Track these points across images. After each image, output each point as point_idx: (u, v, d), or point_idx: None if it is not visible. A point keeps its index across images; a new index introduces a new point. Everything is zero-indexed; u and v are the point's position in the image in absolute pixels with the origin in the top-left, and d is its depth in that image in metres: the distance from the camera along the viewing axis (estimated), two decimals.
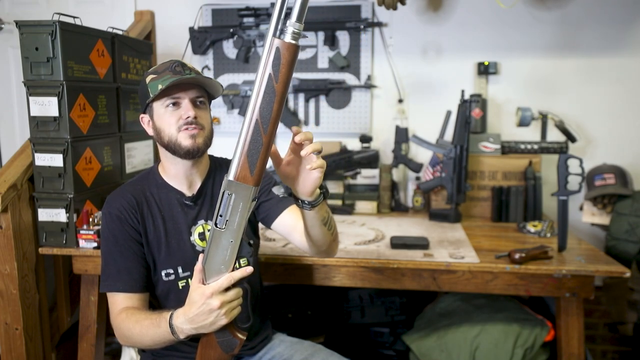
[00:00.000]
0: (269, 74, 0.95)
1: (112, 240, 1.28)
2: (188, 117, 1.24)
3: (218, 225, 1.03)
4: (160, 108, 1.27)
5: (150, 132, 1.33)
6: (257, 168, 1.00)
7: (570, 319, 1.64)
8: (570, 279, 1.60)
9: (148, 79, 1.27)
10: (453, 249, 1.74)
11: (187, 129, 1.25)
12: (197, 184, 1.35)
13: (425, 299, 2.26)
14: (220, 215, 1.03)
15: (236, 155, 1.00)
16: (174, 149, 1.27)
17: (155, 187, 1.34)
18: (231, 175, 1.00)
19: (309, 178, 1.07)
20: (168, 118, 1.26)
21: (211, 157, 1.42)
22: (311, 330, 2.26)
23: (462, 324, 1.91)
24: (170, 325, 1.12)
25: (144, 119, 1.33)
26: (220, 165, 1.41)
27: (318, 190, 1.12)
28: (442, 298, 2.16)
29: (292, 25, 0.94)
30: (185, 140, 1.25)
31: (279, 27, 0.95)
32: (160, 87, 1.22)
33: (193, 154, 1.27)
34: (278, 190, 1.27)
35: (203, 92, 1.30)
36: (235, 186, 1.01)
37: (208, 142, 1.30)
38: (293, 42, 0.94)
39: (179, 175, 1.33)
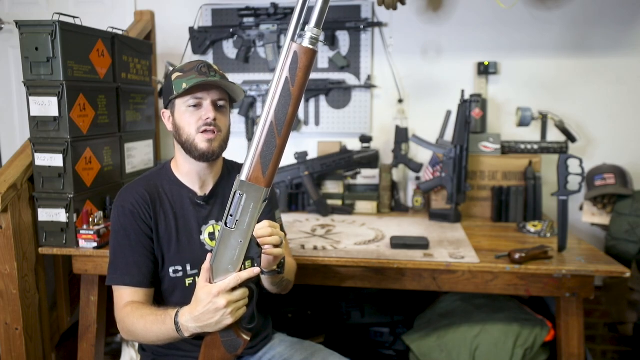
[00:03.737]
0: (286, 77, 0.96)
1: (123, 234, 1.29)
2: (208, 119, 1.28)
3: (228, 225, 1.04)
4: (182, 106, 1.30)
5: (169, 127, 1.36)
6: (270, 169, 1.01)
7: (570, 319, 1.64)
8: (570, 279, 1.60)
9: (174, 77, 1.30)
10: (453, 249, 1.74)
11: (205, 131, 1.28)
12: (210, 185, 1.38)
13: (425, 299, 2.26)
14: (231, 215, 1.03)
15: (249, 156, 1.01)
16: (190, 150, 1.30)
17: (168, 183, 1.36)
18: (243, 175, 1.01)
19: (267, 259, 1.15)
20: (188, 118, 1.29)
21: (224, 159, 1.44)
22: (311, 330, 2.26)
23: (462, 324, 1.91)
24: (176, 323, 1.12)
25: (165, 114, 1.36)
26: (233, 168, 1.44)
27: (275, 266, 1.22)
28: (442, 298, 2.16)
29: (310, 30, 0.95)
30: (201, 143, 1.28)
31: (298, 31, 0.96)
32: (184, 85, 1.25)
33: (207, 158, 1.30)
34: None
35: (225, 95, 1.33)
36: (247, 187, 1.01)
37: (224, 145, 1.33)
38: (311, 47, 0.95)
39: (192, 174, 1.36)
